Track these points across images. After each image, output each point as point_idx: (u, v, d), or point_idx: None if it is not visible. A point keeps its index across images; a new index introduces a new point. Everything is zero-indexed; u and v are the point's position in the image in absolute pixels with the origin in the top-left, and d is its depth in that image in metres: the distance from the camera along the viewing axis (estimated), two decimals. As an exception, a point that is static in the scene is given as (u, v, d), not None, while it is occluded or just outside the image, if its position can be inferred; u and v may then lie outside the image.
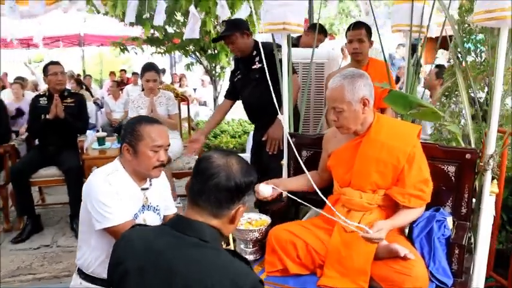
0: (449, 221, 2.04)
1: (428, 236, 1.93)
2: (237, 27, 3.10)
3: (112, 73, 10.83)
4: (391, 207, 1.97)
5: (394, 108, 2.27)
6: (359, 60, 3.05)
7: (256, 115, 3.33)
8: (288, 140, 2.54)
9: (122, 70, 11.10)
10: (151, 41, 6.42)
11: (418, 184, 1.90)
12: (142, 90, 4.13)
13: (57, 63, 3.84)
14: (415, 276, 1.73)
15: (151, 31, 6.10)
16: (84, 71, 11.01)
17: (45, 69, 3.79)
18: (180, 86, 9.57)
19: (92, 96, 8.80)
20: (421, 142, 2.04)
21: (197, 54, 6.62)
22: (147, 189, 2.01)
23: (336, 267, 1.89)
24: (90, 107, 7.64)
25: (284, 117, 2.68)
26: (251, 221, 2.22)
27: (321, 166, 2.26)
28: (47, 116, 3.67)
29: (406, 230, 2.06)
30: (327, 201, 1.95)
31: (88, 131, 4.61)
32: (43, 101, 3.80)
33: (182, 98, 4.63)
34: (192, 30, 4.45)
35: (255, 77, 3.10)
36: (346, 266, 1.86)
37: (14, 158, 3.92)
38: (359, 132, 1.99)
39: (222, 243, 1.74)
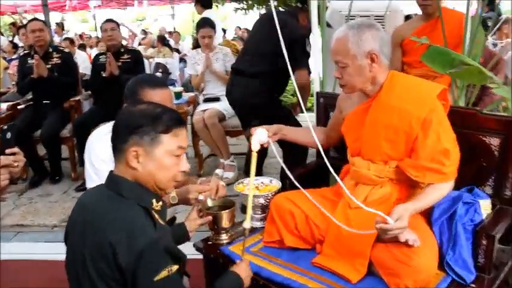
0: (486, 204, 1.69)
1: (451, 220, 1.61)
2: None
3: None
4: (407, 181, 1.67)
5: (432, 67, 1.90)
6: (429, 13, 2.61)
7: None
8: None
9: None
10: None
11: (436, 155, 1.57)
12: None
13: (109, 20, 3.89)
14: (415, 266, 1.44)
15: None
16: (174, 28, 11.33)
17: (101, 27, 3.87)
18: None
19: (179, 52, 9.05)
20: (456, 107, 1.69)
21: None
22: None
23: (335, 246, 1.67)
24: (173, 63, 7.89)
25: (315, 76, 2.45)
26: (261, 186, 2.07)
27: (329, 124, 2.03)
28: (103, 74, 3.77)
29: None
30: (333, 174, 1.70)
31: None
32: (102, 58, 3.89)
33: (243, 55, 4.49)
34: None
35: None
36: (346, 246, 1.64)
37: (79, 112, 4.12)
38: (370, 94, 1.70)
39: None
